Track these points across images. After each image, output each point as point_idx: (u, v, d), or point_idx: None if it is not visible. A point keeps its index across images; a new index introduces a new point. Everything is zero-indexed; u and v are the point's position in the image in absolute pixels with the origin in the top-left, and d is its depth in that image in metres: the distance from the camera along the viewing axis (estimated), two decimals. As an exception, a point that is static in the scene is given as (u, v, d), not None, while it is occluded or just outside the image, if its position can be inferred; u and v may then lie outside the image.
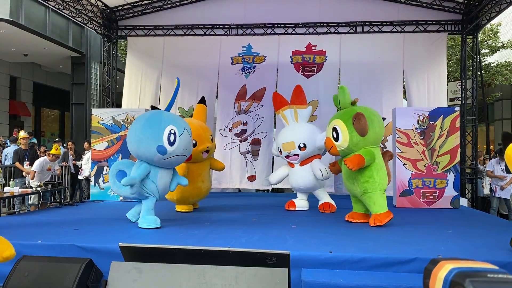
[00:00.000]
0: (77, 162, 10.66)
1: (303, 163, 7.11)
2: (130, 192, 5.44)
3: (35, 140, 14.04)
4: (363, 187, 5.78)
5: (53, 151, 8.65)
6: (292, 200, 7.50)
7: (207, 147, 6.72)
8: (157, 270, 2.70)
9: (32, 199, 8.68)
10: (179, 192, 6.63)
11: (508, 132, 3.15)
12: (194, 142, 6.37)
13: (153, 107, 6.17)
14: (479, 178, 10.04)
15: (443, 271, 1.42)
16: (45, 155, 8.98)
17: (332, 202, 7.20)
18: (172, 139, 5.36)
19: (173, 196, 6.77)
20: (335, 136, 5.85)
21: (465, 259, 1.45)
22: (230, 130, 10.20)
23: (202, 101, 7.57)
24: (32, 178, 8.39)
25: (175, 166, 5.86)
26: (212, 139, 7.00)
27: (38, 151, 10.23)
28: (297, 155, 7.04)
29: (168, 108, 5.82)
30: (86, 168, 9.90)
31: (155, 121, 5.45)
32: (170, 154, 5.37)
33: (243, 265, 2.66)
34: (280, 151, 7.19)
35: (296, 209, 7.31)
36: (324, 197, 7.29)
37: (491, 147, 15.66)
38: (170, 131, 5.37)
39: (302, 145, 6.97)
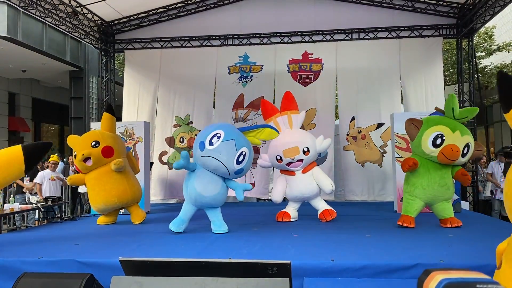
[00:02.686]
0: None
1: (305, 170, 6.85)
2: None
3: None
4: (452, 193, 6.30)
5: (51, 159, 9.00)
6: (285, 210, 7.09)
7: (82, 154, 6.65)
8: (158, 283, 2.69)
9: (37, 214, 8.68)
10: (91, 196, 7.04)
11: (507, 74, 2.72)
12: (74, 153, 6.87)
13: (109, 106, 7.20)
14: (481, 181, 9.99)
15: (433, 282, 1.42)
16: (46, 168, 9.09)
17: (331, 208, 6.98)
18: (213, 141, 5.59)
19: None
20: (465, 152, 5.92)
21: (458, 269, 1.45)
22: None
23: (109, 109, 7.36)
24: (39, 191, 8.49)
25: (208, 169, 5.73)
26: (93, 146, 6.69)
27: (38, 167, 10.24)
28: (301, 160, 6.75)
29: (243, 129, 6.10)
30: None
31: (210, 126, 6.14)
32: (203, 153, 5.61)
33: (244, 276, 2.65)
34: (280, 159, 6.83)
35: (291, 220, 6.99)
36: (322, 205, 7.01)
37: (491, 149, 15.66)
38: (216, 134, 5.63)
39: (306, 149, 6.73)
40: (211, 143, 5.58)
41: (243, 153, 5.62)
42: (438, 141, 5.87)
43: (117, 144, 7.05)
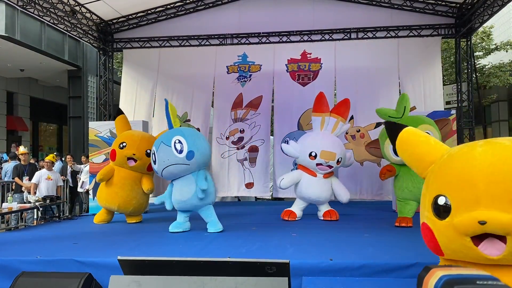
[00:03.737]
0: (75, 170, 10.62)
1: (326, 175, 6.90)
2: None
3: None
4: None
5: (46, 158, 8.95)
6: (291, 210, 7.13)
7: (133, 154, 6.60)
8: (156, 282, 2.68)
9: (36, 214, 8.64)
10: (98, 190, 7.00)
11: (392, 122, 3.04)
12: (124, 144, 6.68)
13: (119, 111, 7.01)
14: None
15: (433, 278, 1.42)
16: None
17: (335, 210, 7.08)
18: (154, 159, 6.01)
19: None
20: None
21: (459, 266, 1.45)
22: (227, 138, 10.20)
23: (119, 112, 7.32)
24: (34, 191, 8.43)
25: (176, 177, 5.96)
26: (147, 154, 6.64)
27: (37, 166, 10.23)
28: (331, 167, 6.78)
29: (169, 127, 6.27)
30: (86, 181, 9.91)
31: None
32: (158, 171, 6.03)
33: (243, 276, 2.65)
34: (313, 156, 6.73)
35: (297, 219, 7.04)
36: (325, 206, 7.10)
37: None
38: (153, 153, 6.06)
39: (339, 159, 6.80)
40: (155, 162, 5.99)
41: (176, 141, 5.79)
42: None
43: None
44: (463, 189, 2.26)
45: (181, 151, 5.74)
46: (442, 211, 2.33)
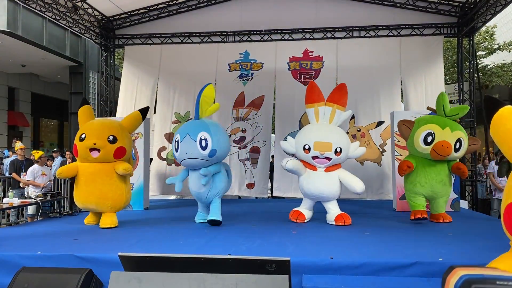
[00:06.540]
0: None
1: (328, 169, 6.30)
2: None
3: None
4: (449, 190, 6.58)
5: (36, 156, 8.90)
6: (299, 210, 6.61)
7: (94, 144, 5.93)
8: (157, 279, 2.69)
9: (31, 210, 8.62)
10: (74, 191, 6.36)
11: (491, 96, 2.89)
12: (84, 135, 6.08)
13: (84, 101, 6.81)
14: (479, 181, 9.98)
15: (454, 277, 1.45)
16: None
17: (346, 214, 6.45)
18: (176, 146, 6.20)
19: None
20: (457, 147, 6.18)
21: (481, 267, 1.47)
22: (229, 136, 10.20)
23: (144, 111, 6.69)
24: (28, 186, 8.44)
25: (192, 169, 6.29)
26: (110, 141, 6.02)
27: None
28: (329, 159, 6.19)
29: (195, 116, 6.43)
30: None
31: None
32: (178, 159, 6.30)
33: (243, 273, 2.66)
34: (307, 149, 6.23)
35: (306, 220, 6.53)
36: (336, 208, 6.44)
37: (490, 149, 15.66)
38: (175, 140, 6.25)
39: (338, 149, 6.17)
40: (177, 150, 6.22)
41: (202, 137, 5.99)
42: (429, 139, 6.22)
43: (130, 148, 6.49)
44: None
45: (205, 148, 5.97)
46: None
